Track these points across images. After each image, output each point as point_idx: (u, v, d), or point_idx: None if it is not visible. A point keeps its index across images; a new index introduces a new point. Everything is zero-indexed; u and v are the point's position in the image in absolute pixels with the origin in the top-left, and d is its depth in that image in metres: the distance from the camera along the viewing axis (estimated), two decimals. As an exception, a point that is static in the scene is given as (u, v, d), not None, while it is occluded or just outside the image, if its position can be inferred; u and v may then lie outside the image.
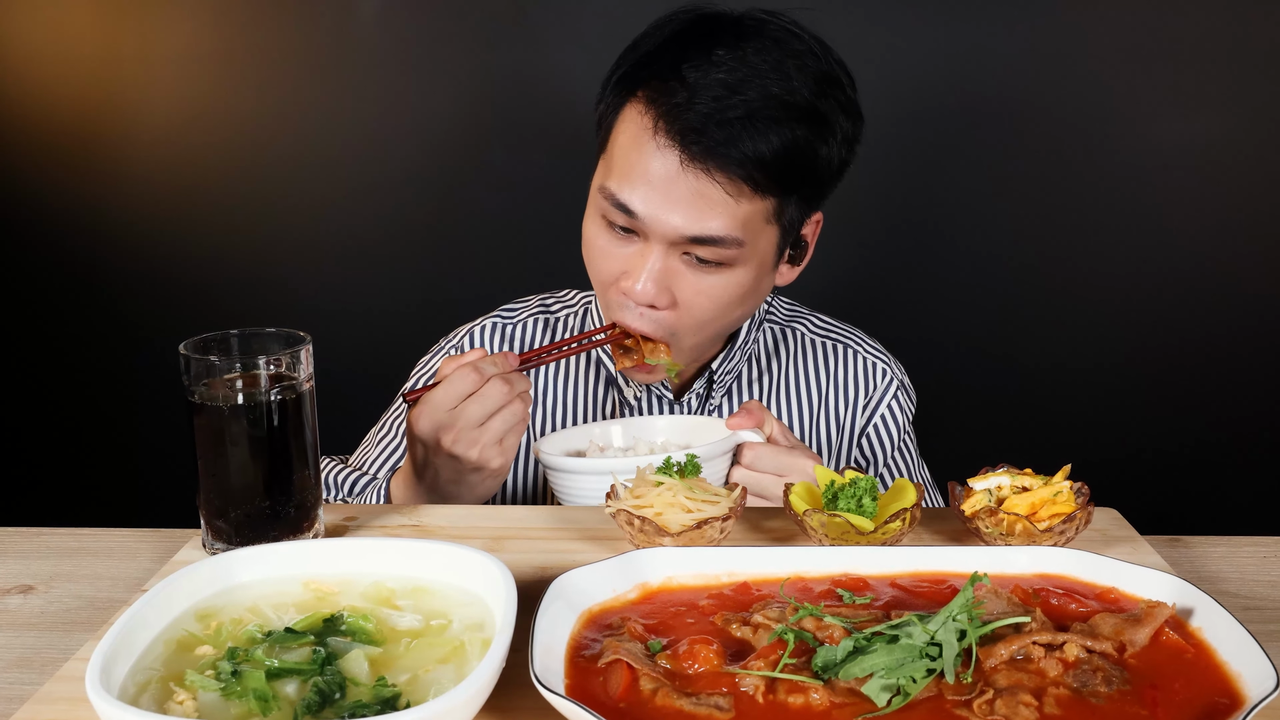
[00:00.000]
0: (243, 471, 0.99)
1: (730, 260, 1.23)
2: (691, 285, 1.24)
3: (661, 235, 1.22)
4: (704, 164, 1.18)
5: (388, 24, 2.22)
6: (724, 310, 1.28)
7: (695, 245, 1.21)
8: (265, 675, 0.73)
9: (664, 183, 1.19)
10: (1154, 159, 2.17)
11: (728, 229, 1.20)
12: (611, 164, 1.25)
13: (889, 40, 2.14)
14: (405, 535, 1.08)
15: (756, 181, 1.20)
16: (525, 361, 1.23)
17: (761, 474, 1.16)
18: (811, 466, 1.14)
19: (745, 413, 1.18)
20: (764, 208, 1.23)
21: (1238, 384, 2.27)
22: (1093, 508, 0.99)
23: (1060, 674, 0.75)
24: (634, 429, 1.32)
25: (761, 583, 0.90)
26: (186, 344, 0.99)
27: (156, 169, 2.32)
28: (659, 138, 1.20)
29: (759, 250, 1.26)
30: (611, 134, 1.27)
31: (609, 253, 1.27)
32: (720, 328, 1.32)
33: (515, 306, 1.53)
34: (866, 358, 1.49)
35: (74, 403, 2.46)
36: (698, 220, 1.20)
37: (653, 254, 1.23)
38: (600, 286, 1.31)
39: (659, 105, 1.20)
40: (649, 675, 0.74)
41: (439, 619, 0.82)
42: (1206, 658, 0.77)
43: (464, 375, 1.16)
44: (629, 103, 1.24)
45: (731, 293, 1.26)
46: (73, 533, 1.12)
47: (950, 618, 0.76)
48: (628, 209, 1.22)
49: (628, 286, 1.24)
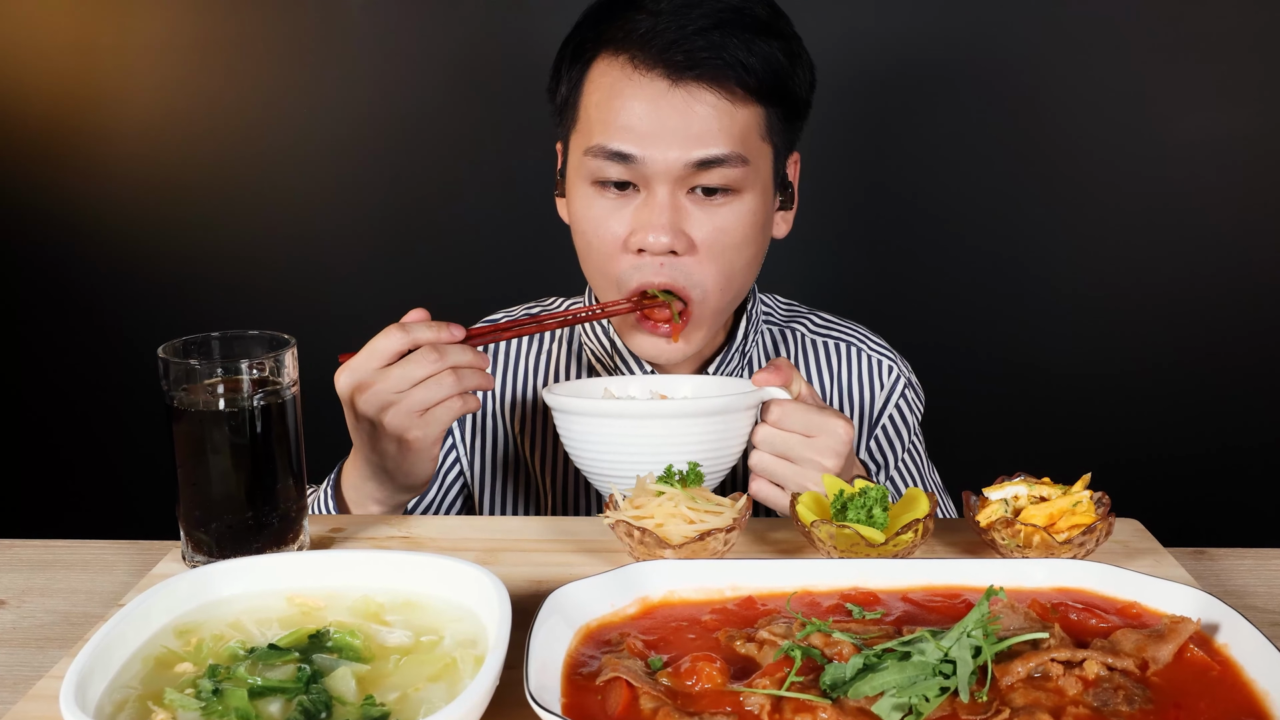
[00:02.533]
0: (224, 481, 0.99)
1: (737, 184, 1.24)
2: (705, 223, 1.24)
3: (665, 171, 1.22)
4: (693, 74, 1.20)
5: (374, 13, 2.22)
6: (742, 244, 1.27)
7: (700, 173, 1.22)
8: (248, 694, 0.73)
9: (654, 114, 1.21)
10: (1179, 155, 2.17)
11: (729, 145, 1.22)
12: (591, 125, 1.25)
13: (902, 33, 2.14)
14: (394, 547, 1.08)
15: (746, 85, 1.22)
16: (477, 336, 1.20)
17: (788, 433, 1.13)
18: (842, 428, 1.12)
19: (774, 368, 1.15)
20: (757, 119, 1.25)
21: (1266, 389, 2.26)
22: (1114, 518, 0.99)
23: (1080, 693, 0.75)
24: (653, 385, 1.30)
25: (767, 597, 0.90)
26: (165, 347, 0.99)
27: (134, 164, 2.32)
28: (639, 73, 1.22)
29: (761, 174, 1.27)
30: (581, 103, 1.28)
31: (609, 216, 1.26)
32: (737, 283, 1.30)
33: (499, 316, 1.53)
34: (871, 355, 1.48)
35: (47, 409, 2.46)
36: (698, 142, 1.21)
37: (658, 197, 1.23)
38: (605, 261, 1.28)
39: (629, 43, 1.22)
40: (649, 694, 0.74)
41: (430, 635, 0.82)
42: (1233, 676, 0.77)
43: (387, 334, 1.14)
44: (594, 64, 1.26)
45: (746, 223, 1.26)
46: (46, 545, 1.12)
47: (965, 634, 0.76)
48: (622, 154, 1.22)
49: (639, 240, 1.23)
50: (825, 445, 1.12)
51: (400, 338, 1.13)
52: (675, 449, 1.12)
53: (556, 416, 1.18)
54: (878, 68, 2.15)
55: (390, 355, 1.13)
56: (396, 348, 1.13)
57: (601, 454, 1.15)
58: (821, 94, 1.37)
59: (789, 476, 1.13)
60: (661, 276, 1.25)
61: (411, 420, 1.14)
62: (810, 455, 1.12)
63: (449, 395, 1.14)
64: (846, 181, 2.20)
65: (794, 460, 1.13)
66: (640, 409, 1.13)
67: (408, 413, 1.13)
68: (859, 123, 2.18)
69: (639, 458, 1.11)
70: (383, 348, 1.13)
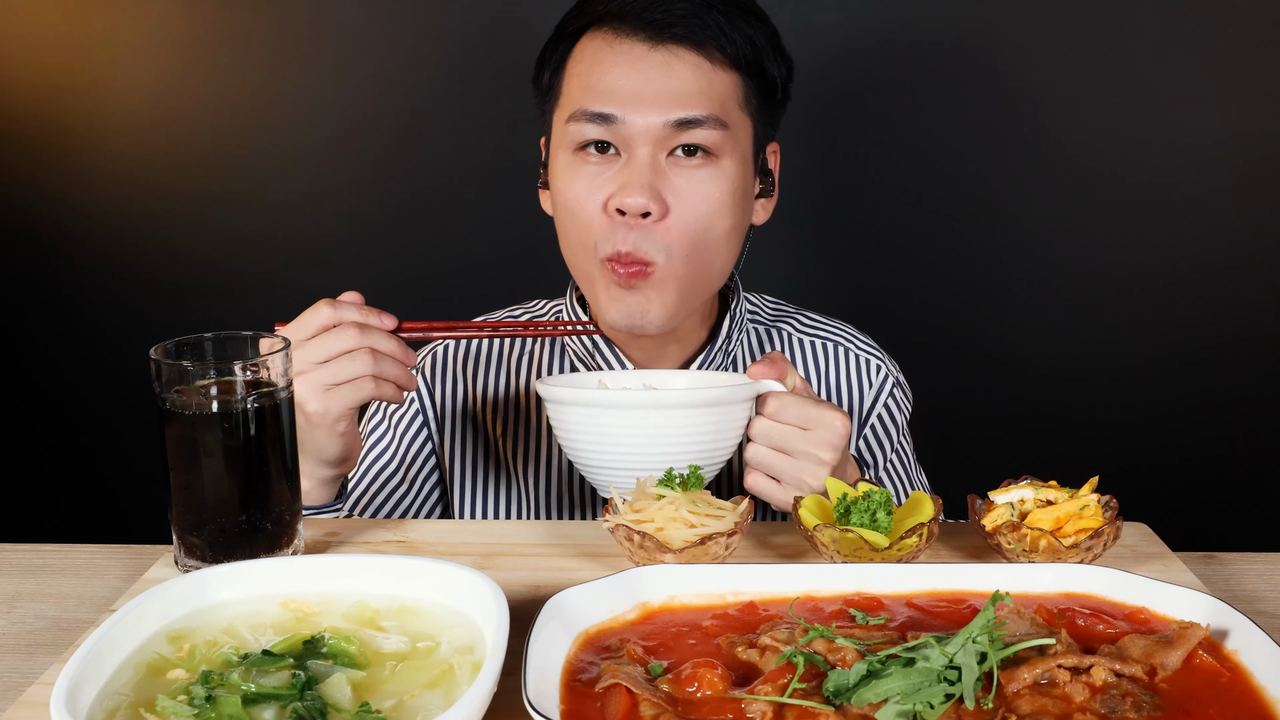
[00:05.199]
0: (217, 484, 0.99)
1: (716, 148, 1.27)
2: (682, 186, 1.27)
3: (644, 131, 1.25)
4: (671, 32, 1.25)
5: (366, 9, 2.22)
6: (717, 212, 1.28)
7: (679, 132, 1.25)
8: (241, 701, 0.73)
9: (635, 75, 1.25)
10: (1185, 154, 2.17)
11: (708, 107, 1.26)
12: (572, 95, 1.30)
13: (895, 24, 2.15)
14: (390, 552, 1.08)
15: (724, 50, 1.27)
16: (409, 331, 1.21)
17: (785, 425, 1.13)
18: (839, 421, 1.13)
19: (769, 361, 1.17)
20: (735, 87, 1.29)
21: (1277, 392, 2.27)
22: (1121, 522, 0.99)
23: (1087, 699, 0.75)
24: (646, 379, 1.31)
25: (769, 602, 0.90)
26: (157, 348, 0.99)
27: (124, 162, 2.32)
28: (620, 40, 1.27)
29: (740, 144, 1.30)
30: (564, 79, 1.32)
31: (590, 182, 1.28)
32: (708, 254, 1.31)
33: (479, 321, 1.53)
34: (859, 355, 1.49)
35: (36, 411, 2.46)
36: (678, 103, 1.25)
37: (638, 159, 1.26)
38: (583, 230, 1.29)
39: (610, 16, 1.28)
40: (649, 701, 0.74)
41: (426, 641, 0.82)
42: (1243, 682, 0.77)
43: (316, 309, 1.16)
44: (578, 42, 1.31)
45: (724, 190, 1.28)
46: (36, 549, 1.12)
47: (970, 639, 0.76)
48: (603, 115, 1.26)
49: (618, 201, 1.26)
50: (822, 438, 1.13)
51: (328, 314, 1.16)
52: (672, 441, 1.12)
53: (550, 408, 1.18)
54: (872, 60, 2.15)
55: (315, 329, 1.15)
56: (322, 322, 1.15)
57: (597, 446, 1.15)
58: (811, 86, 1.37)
59: (786, 470, 1.13)
60: (628, 243, 1.26)
61: (315, 393, 1.15)
62: (807, 448, 1.13)
63: (360, 375, 1.15)
64: (849, 181, 2.20)
65: (790, 453, 1.13)
66: (638, 399, 1.14)
67: (315, 385, 1.15)
68: (859, 122, 2.18)
69: (635, 450, 1.12)
70: (309, 321, 1.16)
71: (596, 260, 1.29)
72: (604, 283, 1.30)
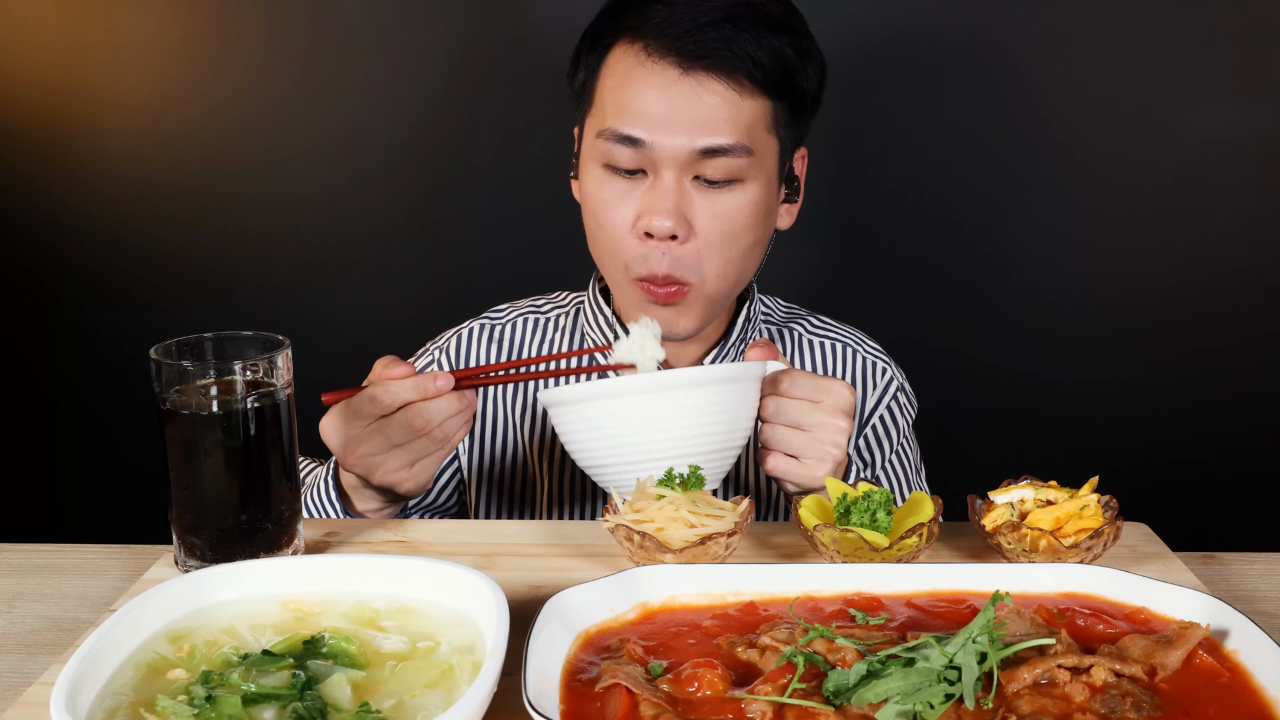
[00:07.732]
0: (217, 484, 0.99)
1: (740, 174, 1.28)
2: (707, 210, 1.29)
3: (671, 156, 1.26)
4: (703, 63, 1.25)
5: (369, 8, 2.22)
6: (741, 232, 1.31)
7: (705, 161, 1.26)
8: (241, 701, 0.73)
9: (664, 100, 1.26)
10: (1186, 154, 2.17)
11: (734, 135, 1.26)
12: (604, 109, 1.31)
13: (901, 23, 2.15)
14: (390, 552, 1.08)
15: (754, 77, 1.27)
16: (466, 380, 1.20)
17: (798, 400, 1.17)
18: (845, 389, 1.17)
19: (761, 346, 1.21)
20: (763, 112, 1.29)
21: (1278, 392, 2.27)
22: (1121, 522, 0.99)
23: (1087, 699, 0.75)
24: None
25: (769, 602, 0.90)
26: (157, 348, 0.99)
27: (124, 162, 2.32)
28: (652, 60, 1.27)
29: (765, 165, 1.31)
30: (597, 88, 1.33)
31: (619, 198, 1.30)
32: (736, 269, 1.34)
33: (504, 307, 1.56)
34: (866, 357, 1.52)
35: (36, 411, 2.45)
36: (704, 131, 1.26)
37: (664, 182, 1.28)
38: (613, 245, 1.32)
39: (644, 32, 1.28)
40: (649, 701, 0.74)
41: (426, 641, 0.82)
42: (1243, 682, 0.77)
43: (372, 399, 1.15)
44: (611, 50, 1.31)
45: (747, 212, 1.30)
46: (36, 549, 1.12)
47: (970, 639, 0.76)
48: (632, 138, 1.27)
49: (645, 224, 1.28)
50: (834, 407, 1.17)
51: (383, 404, 1.15)
52: (686, 426, 1.12)
53: (550, 413, 1.18)
54: (878, 59, 2.15)
55: (373, 419, 1.16)
56: (379, 412, 1.16)
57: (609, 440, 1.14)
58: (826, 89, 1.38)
59: (804, 446, 1.16)
60: (663, 266, 1.29)
61: (401, 475, 1.19)
62: (822, 418, 1.16)
63: (433, 451, 1.18)
64: (850, 181, 2.20)
65: (806, 428, 1.17)
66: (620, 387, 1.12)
67: (396, 469, 1.18)
68: (858, 122, 2.18)
69: (646, 438, 1.12)
70: (367, 412, 1.16)
71: (629, 278, 1.32)
72: (635, 298, 1.33)
